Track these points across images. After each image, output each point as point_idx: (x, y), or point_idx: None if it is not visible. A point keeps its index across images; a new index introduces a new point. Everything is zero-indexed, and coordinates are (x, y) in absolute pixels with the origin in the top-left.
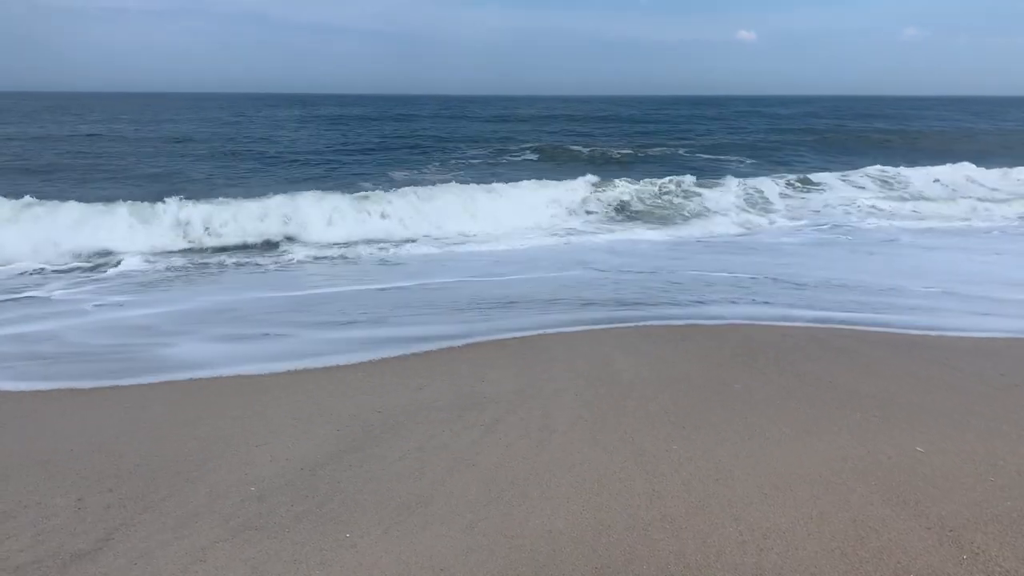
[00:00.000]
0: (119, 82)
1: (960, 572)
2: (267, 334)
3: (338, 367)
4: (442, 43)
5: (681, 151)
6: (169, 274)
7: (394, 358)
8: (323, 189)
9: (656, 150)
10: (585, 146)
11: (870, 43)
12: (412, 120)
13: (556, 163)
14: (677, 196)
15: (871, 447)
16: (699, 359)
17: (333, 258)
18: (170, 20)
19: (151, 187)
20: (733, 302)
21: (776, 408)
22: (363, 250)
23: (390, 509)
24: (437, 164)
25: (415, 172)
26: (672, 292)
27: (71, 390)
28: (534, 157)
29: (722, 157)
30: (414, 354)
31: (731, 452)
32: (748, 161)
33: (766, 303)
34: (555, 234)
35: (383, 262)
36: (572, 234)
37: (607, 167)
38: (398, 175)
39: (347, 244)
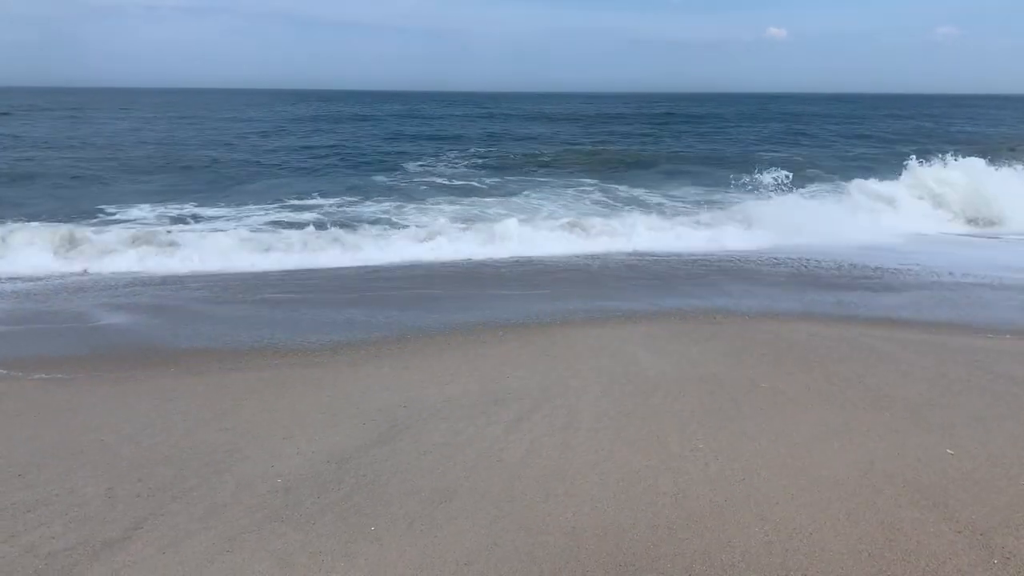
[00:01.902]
0: (153, 78)
1: None
2: None
3: (365, 361)
4: (471, 41)
5: None
6: None
7: (421, 352)
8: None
9: None
10: None
11: (903, 41)
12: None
13: None
14: None
15: (900, 449)
16: (726, 357)
17: None
18: (199, 17)
19: None
20: None
21: (803, 408)
22: None
23: (415, 503)
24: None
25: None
26: None
27: (102, 380)
28: None
29: None
30: (441, 349)
31: (757, 452)
32: None
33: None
34: None
35: None
36: None
37: None
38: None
39: None
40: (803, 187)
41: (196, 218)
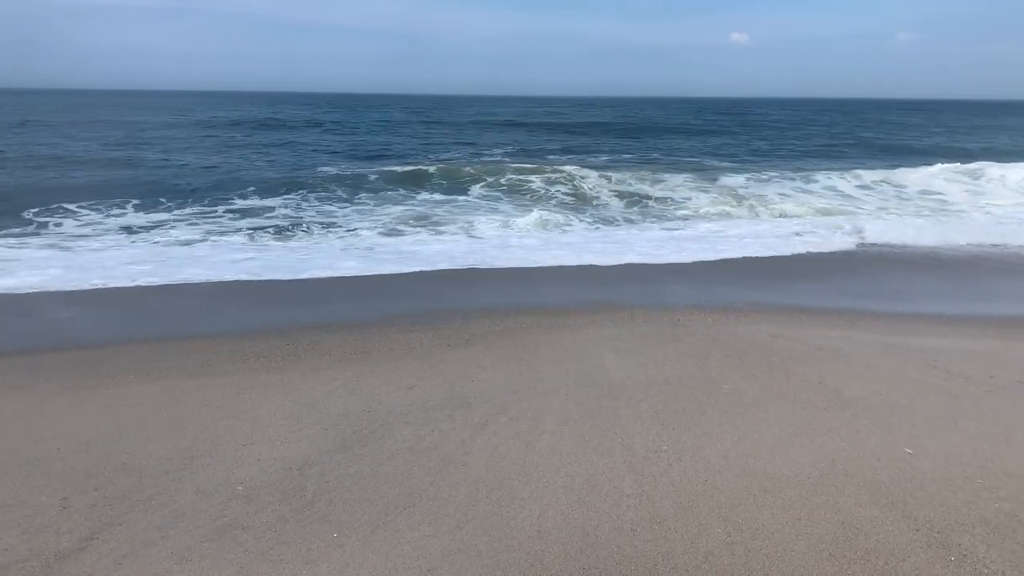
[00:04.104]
0: (123, 79)
1: (947, 573)
2: None
3: (328, 366)
4: (441, 44)
5: None
6: None
7: (385, 356)
8: None
9: None
10: None
11: (863, 47)
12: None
13: None
14: None
15: (860, 449)
16: (690, 359)
17: None
18: (169, 19)
19: None
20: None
21: (765, 409)
22: None
23: (378, 509)
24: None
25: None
26: None
27: (58, 387)
28: None
29: None
30: (406, 353)
31: (720, 453)
32: None
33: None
34: None
35: None
36: None
37: None
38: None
39: None
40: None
41: None
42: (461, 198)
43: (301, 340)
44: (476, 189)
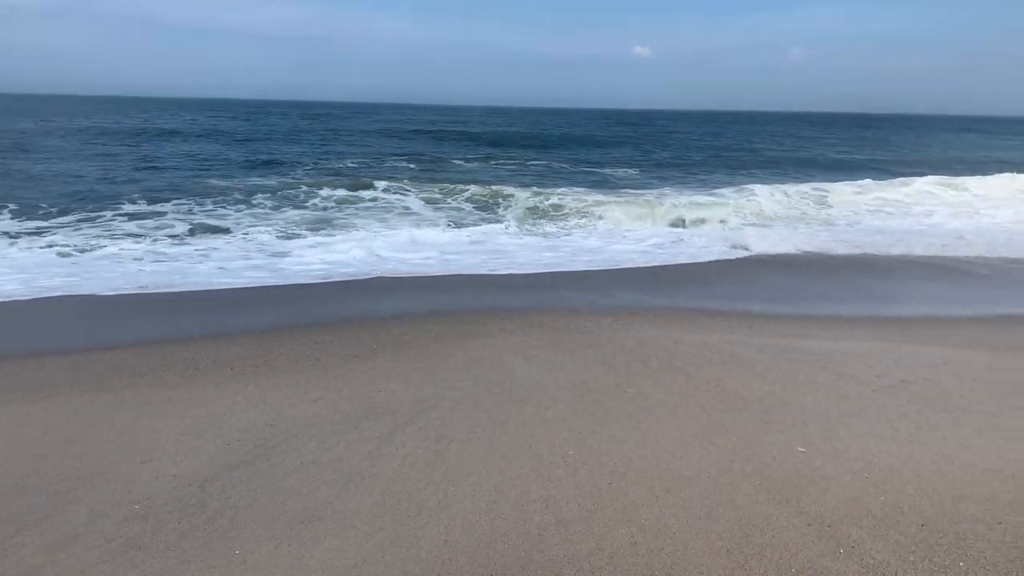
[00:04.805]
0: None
1: (836, 565)
2: None
3: (230, 380)
4: (345, 51)
5: None
6: None
7: (290, 368)
8: None
9: None
10: None
11: (757, 61)
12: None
13: None
14: None
15: (756, 448)
16: (597, 364)
17: None
18: (56, 20)
19: None
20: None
21: (668, 412)
22: None
23: (282, 524)
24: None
25: None
26: None
27: None
28: None
29: None
30: (311, 364)
31: (625, 456)
32: None
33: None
34: None
35: None
36: None
37: None
38: None
39: None
40: None
41: None
42: (362, 205)
43: (201, 352)
44: (379, 195)
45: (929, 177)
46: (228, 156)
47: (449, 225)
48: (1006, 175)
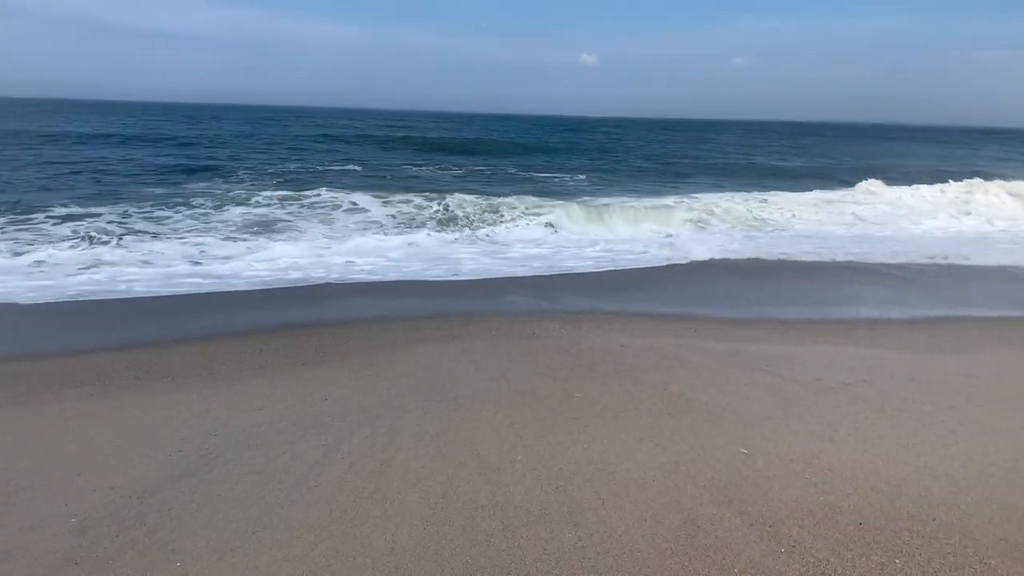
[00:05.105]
0: None
1: (778, 564)
2: None
3: (170, 390)
4: (290, 55)
5: None
6: None
7: (233, 376)
8: None
9: None
10: None
11: (702, 69)
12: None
13: None
14: None
15: (700, 450)
16: (543, 369)
17: None
18: None
19: None
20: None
21: (614, 416)
22: None
23: (225, 535)
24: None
25: None
26: None
27: None
28: None
29: None
30: (255, 372)
31: (572, 460)
32: None
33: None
34: None
35: None
36: None
37: None
38: None
39: None
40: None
41: None
42: (305, 211)
43: (139, 361)
44: (322, 200)
45: (871, 181)
46: (168, 161)
47: (394, 231)
48: (937, 186)
